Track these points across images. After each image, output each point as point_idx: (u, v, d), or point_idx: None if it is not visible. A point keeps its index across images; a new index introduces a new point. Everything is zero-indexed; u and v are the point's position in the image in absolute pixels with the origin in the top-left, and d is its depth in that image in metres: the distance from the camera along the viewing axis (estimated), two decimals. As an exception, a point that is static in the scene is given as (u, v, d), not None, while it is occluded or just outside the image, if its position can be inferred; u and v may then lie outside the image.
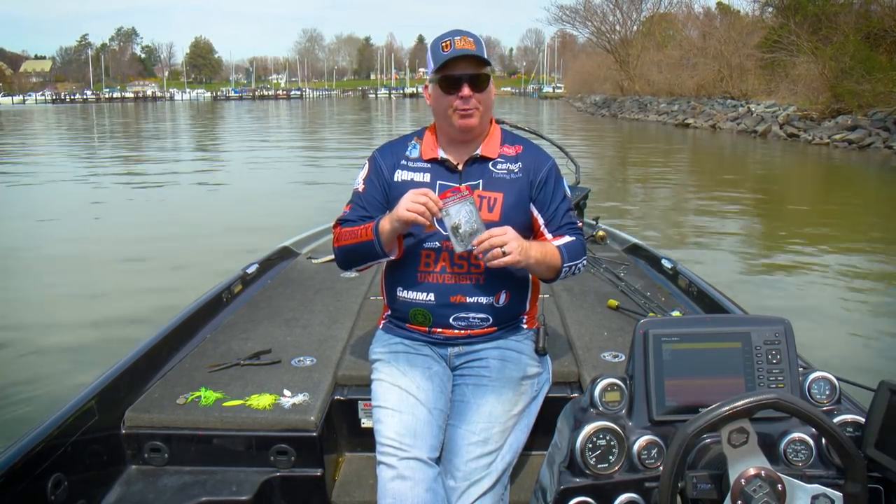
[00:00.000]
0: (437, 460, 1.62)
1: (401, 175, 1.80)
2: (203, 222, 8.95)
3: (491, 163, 1.79)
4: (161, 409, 1.82)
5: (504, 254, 1.58)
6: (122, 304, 5.41)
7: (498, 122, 2.01)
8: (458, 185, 1.73)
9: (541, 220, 1.79)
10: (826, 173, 15.08)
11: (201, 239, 7.81)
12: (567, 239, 1.78)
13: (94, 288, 5.98)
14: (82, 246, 7.66)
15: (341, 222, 1.84)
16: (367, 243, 1.73)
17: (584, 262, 1.82)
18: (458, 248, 1.62)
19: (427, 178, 1.78)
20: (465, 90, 1.69)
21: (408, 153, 1.83)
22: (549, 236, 1.79)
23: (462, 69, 1.69)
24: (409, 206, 1.62)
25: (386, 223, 1.69)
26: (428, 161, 1.80)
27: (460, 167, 1.79)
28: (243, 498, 1.70)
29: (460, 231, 1.60)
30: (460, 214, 1.60)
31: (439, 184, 1.77)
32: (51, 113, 53.07)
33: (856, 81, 18.97)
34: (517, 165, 1.79)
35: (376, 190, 1.82)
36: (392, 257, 1.77)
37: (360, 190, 1.84)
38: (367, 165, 1.87)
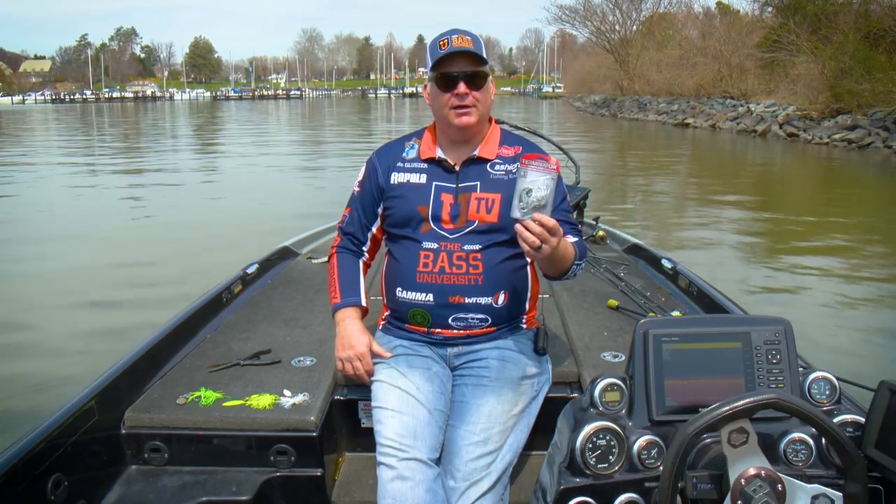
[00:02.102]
0: (438, 461, 1.61)
1: (397, 177, 1.82)
2: (203, 222, 8.95)
3: (489, 164, 1.78)
4: (161, 409, 1.82)
5: (534, 249, 1.50)
6: (121, 305, 5.42)
7: (498, 122, 2.01)
8: (549, 157, 1.60)
9: None
10: (826, 173, 15.08)
11: (201, 239, 7.81)
12: (573, 239, 1.76)
13: (95, 287, 5.99)
14: (82, 245, 7.66)
15: (342, 233, 1.94)
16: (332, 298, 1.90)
17: (584, 264, 1.82)
18: (515, 213, 1.49)
19: (423, 178, 1.79)
20: (461, 87, 1.69)
21: (405, 154, 1.84)
22: None
23: (458, 67, 1.70)
24: (342, 357, 1.82)
25: (338, 319, 1.86)
26: (425, 161, 1.81)
27: (457, 167, 1.78)
28: (243, 498, 1.70)
29: (528, 197, 1.47)
30: (537, 183, 1.47)
31: (435, 186, 1.77)
32: (50, 113, 53.04)
33: (855, 81, 18.98)
34: (515, 166, 1.77)
35: (370, 193, 1.86)
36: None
37: (356, 193, 1.90)
38: (364, 168, 1.90)
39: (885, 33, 20.48)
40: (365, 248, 1.94)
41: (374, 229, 1.90)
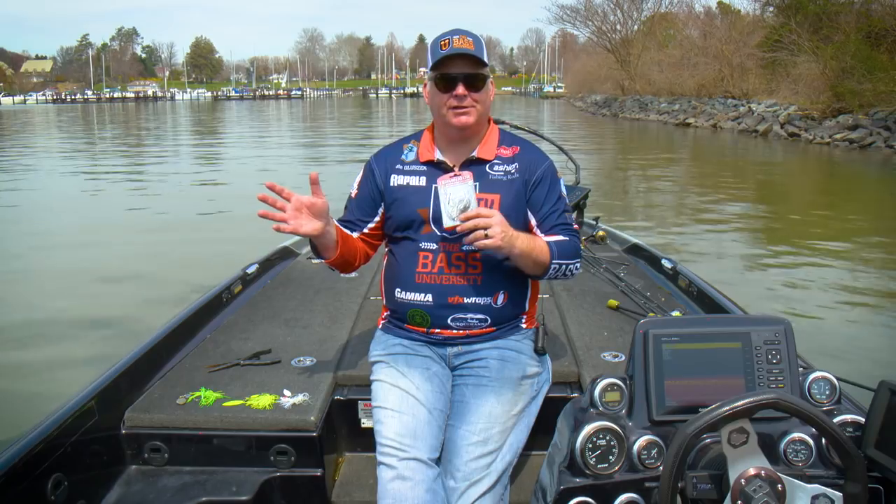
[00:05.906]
0: (438, 461, 1.61)
1: (396, 180, 1.80)
2: (203, 222, 8.95)
3: (487, 165, 1.78)
4: (161, 409, 1.82)
5: (486, 237, 1.57)
6: (121, 305, 5.42)
7: (497, 122, 2.00)
8: (460, 171, 1.72)
9: (533, 221, 1.77)
10: (827, 173, 15.07)
11: (201, 237, 7.81)
12: (559, 237, 1.75)
13: (95, 287, 5.99)
14: (83, 245, 7.66)
15: None
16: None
17: (578, 265, 1.78)
18: (447, 223, 1.62)
19: (423, 181, 1.78)
20: (460, 89, 1.69)
21: (403, 157, 1.83)
22: (541, 236, 1.75)
23: (458, 68, 1.70)
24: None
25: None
26: (424, 163, 1.80)
27: (456, 168, 1.77)
28: (243, 498, 1.70)
29: (452, 205, 1.61)
30: (457, 192, 1.61)
31: (434, 188, 1.76)
32: (52, 113, 53.09)
33: (857, 81, 18.95)
34: (514, 166, 1.78)
35: (367, 195, 1.84)
36: (325, 259, 1.74)
37: (353, 196, 1.88)
38: (361, 171, 1.88)
39: (887, 33, 20.43)
40: (356, 235, 1.86)
41: (366, 229, 1.84)
